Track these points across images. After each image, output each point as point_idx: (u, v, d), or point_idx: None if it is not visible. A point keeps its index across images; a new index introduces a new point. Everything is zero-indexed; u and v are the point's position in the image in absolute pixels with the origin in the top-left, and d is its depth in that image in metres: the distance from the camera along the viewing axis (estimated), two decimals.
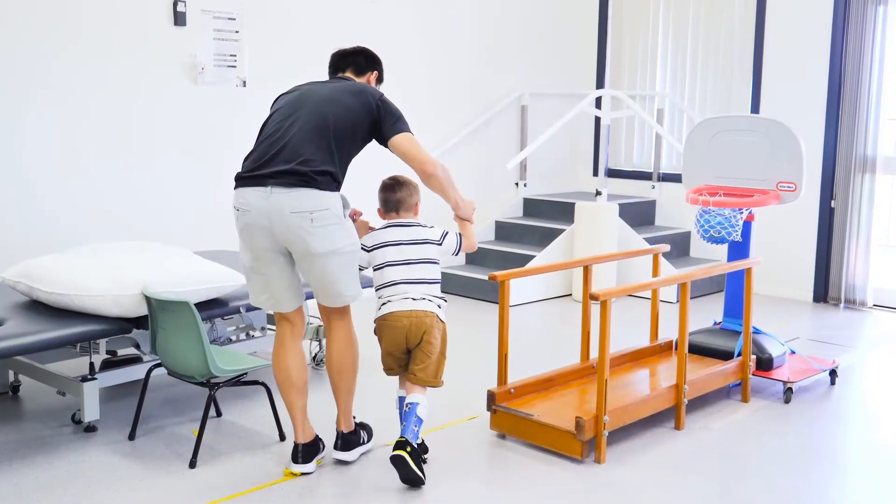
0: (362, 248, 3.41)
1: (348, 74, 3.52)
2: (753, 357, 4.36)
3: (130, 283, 3.66)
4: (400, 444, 3.21)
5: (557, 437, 3.56)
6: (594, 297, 3.45)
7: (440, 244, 3.45)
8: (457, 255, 3.54)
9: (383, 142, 3.33)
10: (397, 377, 3.51)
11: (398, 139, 3.27)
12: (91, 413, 3.75)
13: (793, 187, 4.41)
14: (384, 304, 3.38)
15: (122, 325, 3.74)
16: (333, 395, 3.49)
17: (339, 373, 3.42)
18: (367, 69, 3.55)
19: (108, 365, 4.07)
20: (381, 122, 3.29)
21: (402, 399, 3.41)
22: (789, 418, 4.11)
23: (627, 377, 4.27)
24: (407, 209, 3.46)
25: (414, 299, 3.34)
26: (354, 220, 3.43)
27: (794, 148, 4.39)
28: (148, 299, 3.63)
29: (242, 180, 3.26)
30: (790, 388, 4.30)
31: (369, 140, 3.36)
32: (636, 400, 3.78)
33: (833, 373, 4.60)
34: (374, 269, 3.44)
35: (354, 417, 3.54)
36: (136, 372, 3.97)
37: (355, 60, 3.54)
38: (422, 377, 3.33)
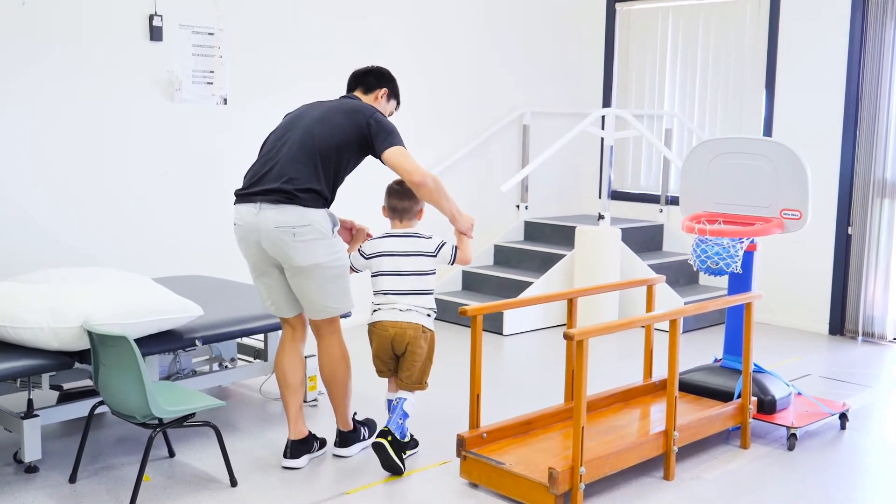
0: (361, 255, 3.66)
1: (357, 94, 3.68)
2: (754, 399, 4.01)
3: (72, 315, 3.41)
4: (382, 433, 3.51)
5: (530, 488, 3.24)
6: (568, 337, 3.13)
7: (435, 255, 3.62)
8: (451, 265, 3.69)
9: (377, 156, 3.45)
10: (387, 381, 3.76)
11: (389, 153, 3.39)
12: (32, 452, 3.50)
13: (798, 215, 4.07)
14: (375, 310, 3.63)
15: (64, 360, 3.49)
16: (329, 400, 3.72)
17: (331, 385, 3.64)
18: (377, 86, 3.68)
19: (64, 398, 3.84)
20: (373, 139, 3.42)
21: (390, 402, 3.65)
22: (793, 468, 3.75)
23: (615, 420, 3.93)
24: (410, 217, 3.67)
25: (401, 310, 3.56)
26: (352, 231, 3.71)
27: (800, 173, 4.06)
28: (89, 332, 3.37)
29: (239, 197, 3.49)
30: (794, 434, 3.94)
31: (363, 156, 3.51)
32: (620, 448, 3.44)
33: (843, 416, 4.23)
34: (372, 276, 3.68)
35: (355, 414, 3.81)
36: (84, 408, 3.70)
37: (365, 80, 3.70)
38: (407, 382, 3.61)
